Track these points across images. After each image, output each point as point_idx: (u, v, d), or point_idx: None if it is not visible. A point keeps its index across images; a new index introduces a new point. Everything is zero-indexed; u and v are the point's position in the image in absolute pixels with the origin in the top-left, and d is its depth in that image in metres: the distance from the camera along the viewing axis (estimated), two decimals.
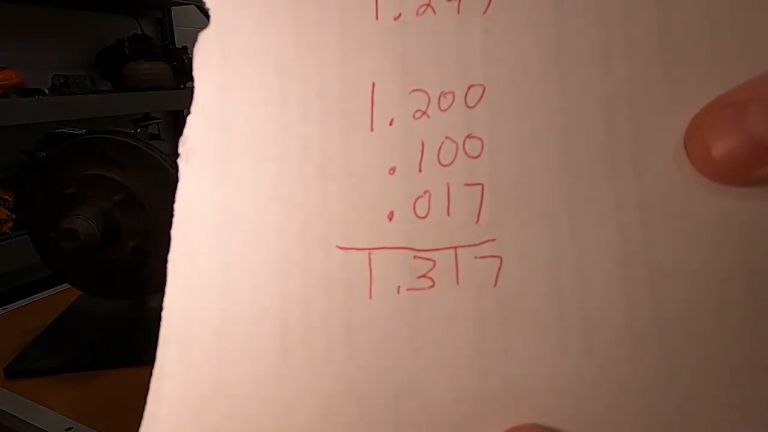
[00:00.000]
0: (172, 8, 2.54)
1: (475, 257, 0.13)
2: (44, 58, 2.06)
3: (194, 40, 0.15)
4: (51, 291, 0.76)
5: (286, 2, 0.14)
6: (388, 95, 0.14)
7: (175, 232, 0.15)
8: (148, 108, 2.13)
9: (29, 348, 0.59)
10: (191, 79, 0.15)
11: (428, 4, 0.14)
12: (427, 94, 0.14)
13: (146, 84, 2.02)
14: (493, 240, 0.13)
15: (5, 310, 0.71)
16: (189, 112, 0.14)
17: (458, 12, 0.14)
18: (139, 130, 2.10)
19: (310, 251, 0.14)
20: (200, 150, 0.14)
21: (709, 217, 0.13)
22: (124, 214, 0.53)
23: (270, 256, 0.14)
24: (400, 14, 0.14)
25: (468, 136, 0.14)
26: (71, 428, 0.47)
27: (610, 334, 0.13)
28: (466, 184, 0.13)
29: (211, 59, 0.15)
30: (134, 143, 0.54)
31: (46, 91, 1.70)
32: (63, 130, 1.48)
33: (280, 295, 0.14)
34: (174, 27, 2.57)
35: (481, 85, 0.14)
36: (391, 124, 0.14)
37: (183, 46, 2.34)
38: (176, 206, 0.15)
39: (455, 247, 0.13)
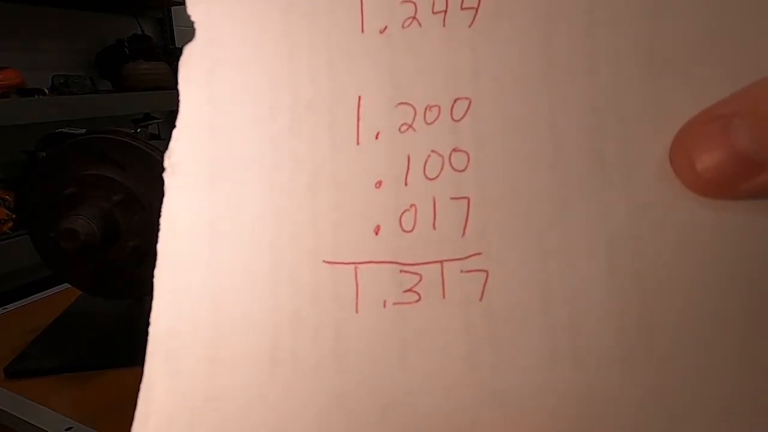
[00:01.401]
0: (172, 8, 2.54)
1: (462, 271, 0.13)
2: (44, 58, 2.06)
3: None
4: (51, 291, 0.76)
5: (274, 16, 0.14)
6: (375, 108, 0.14)
7: (161, 247, 0.14)
8: (148, 108, 2.13)
9: (29, 348, 0.59)
10: None
11: (414, 17, 0.14)
12: (413, 107, 0.14)
13: (146, 84, 2.02)
14: (480, 254, 0.13)
15: (5, 310, 0.71)
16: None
17: (444, 24, 0.14)
18: (139, 130, 2.10)
19: (298, 265, 0.14)
20: (187, 163, 0.14)
21: (696, 230, 0.13)
22: (124, 214, 0.53)
23: (259, 270, 0.14)
24: (386, 27, 0.14)
25: (454, 150, 0.14)
26: (71, 428, 0.47)
27: (599, 347, 0.13)
28: (452, 198, 0.13)
29: (197, 72, 0.15)
30: (134, 143, 0.54)
31: (46, 91, 1.70)
32: (63, 130, 1.48)
33: (270, 308, 0.14)
34: (174, 27, 2.56)
35: (467, 98, 0.14)
36: (377, 137, 0.14)
37: (183, 46, 2.32)
38: (162, 220, 0.14)
39: (441, 261, 0.13)
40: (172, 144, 0.14)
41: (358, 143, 0.14)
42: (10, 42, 1.95)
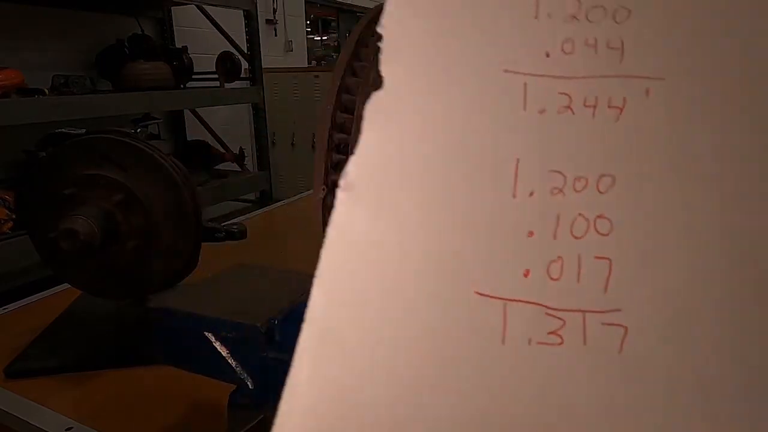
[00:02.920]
0: (172, 8, 2.53)
1: (602, 323, 0.15)
2: (44, 58, 2.06)
3: (194, 39, 0.15)
4: (51, 291, 0.76)
5: (449, 86, 0.16)
6: (530, 171, 0.16)
7: (324, 252, 0.16)
8: (148, 108, 2.13)
9: (29, 348, 0.59)
10: (191, 78, 0.15)
11: (569, 106, 0.16)
12: (563, 175, 0.16)
13: (146, 84, 2.02)
14: (619, 310, 0.15)
15: (5, 310, 0.71)
16: (191, 112, 0.15)
17: (593, 116, 0.16)
18: (139, 130, 2.10)
19: (450, 292, 0.15)
20: (359, 186, 0.16)
21: None
22: (124, 214, 0.53)
23: (408, 290, 0.15)
24: (544, 109, 0.16)
25: (598, 216, 0.15)
26: (71, 428, 0.47)
27: (730, 404, 0.14)
28: (596, 257, 0.15)
29: (380, 115, 0.17)
30: (134, 143, 0.54)
31: (46, 91, 1.70)
32: (63, 130, 1.48)
33: (419, 331, 0.15)
34: (174, 27, 2.56)
35: (611, 176, 0.15)
36: (531, 195, 0.16)
37: (183, 46, 2.33)
38: (329, 228, 0.16)
39: (583, 311, 0.15)
40: (349, 166, 0.17)
41: (514, 196, 0.16)
42: (10, 42, 1.95)
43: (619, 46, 0.16)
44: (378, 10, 0.34)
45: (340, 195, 0.16)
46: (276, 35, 3.28)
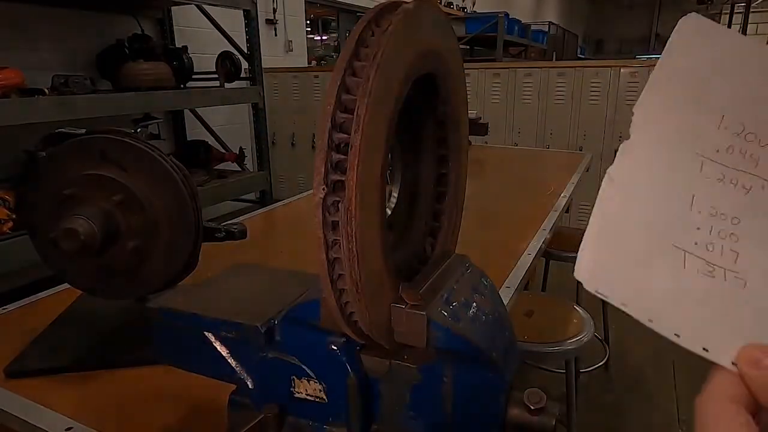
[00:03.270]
0: (172, 8, 2.53)
1: (734, 276, 0.29)
2: (44, 58, 2.06)
3: (194, 39, 0.15)
4: (51, 291, 0.76)
5: (668, 151, 0.31)
6: (699, 203, 0.30)
7: (597, 204, 0.30)
8: (148, 108, 2.13)
9: (29, 348, 0.59)
10: (191, 78, 0.15)
11: (722, 179, 0.30)
12: (717, 210, 0.30)
13: (146, 84, 2.02)
14: (742, 273, 0.29)
15: (5, 310, 0.71)
16: (191, 112, 0.14)
17: (735, 188, 0.30)
18: (139, 130, 2.10)
19: (660, 239, 0.30)
20: (616, 179, 0.30)
21: None
22: (124, 214, 0.53)
23: (639, 236, 0.30)
24: (709, 177, 0.30)
25: (731, 233, 0.29)
26: (71, 428, 0.47)
27: None
28: (730, 249, 0.29)
29: (629, 148, 0.31)
30: (134, 143, 0.54)
31: (46, 91, 1.70)
32: (63, 130, 1.47)
33: (638, 252, 0.30)
34: (174, 27, 2.56)
35: (738, 218, 0.29)
36: (699, 213, 0.30)
37: (183, 46, 2.34)
38: (599, 196, 0.30)
39: (725, 269, 0.29)
40: (611, 168, 0.31)
41: (691, 210, 0.30)
42: (10, 42, 1.95)
43: (757, 159, 0.29)
44: (378, 9, 0.34)
45: (606, 180, 0.30)
46: (276, 35, 3.28)
